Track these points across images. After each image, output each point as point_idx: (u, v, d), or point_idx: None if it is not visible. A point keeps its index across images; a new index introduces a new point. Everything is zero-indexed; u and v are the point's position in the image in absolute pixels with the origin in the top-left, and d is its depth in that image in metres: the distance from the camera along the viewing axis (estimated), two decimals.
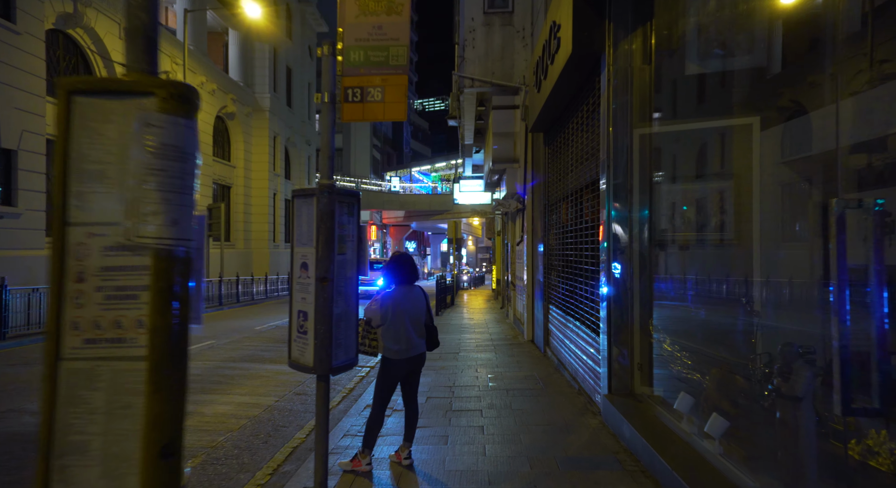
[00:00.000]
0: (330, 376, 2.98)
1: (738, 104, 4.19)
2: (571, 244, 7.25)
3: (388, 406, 4.65)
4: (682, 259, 4.95)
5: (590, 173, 6.27)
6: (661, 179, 5.12)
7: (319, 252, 2.88)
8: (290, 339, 3.04)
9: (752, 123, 4.16)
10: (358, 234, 3.18)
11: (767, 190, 3.84)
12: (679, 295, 4.87)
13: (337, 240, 2.95)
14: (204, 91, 22.80)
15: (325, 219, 2.89)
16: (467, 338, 11.31)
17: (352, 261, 3.12)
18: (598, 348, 5.69)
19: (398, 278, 4.12)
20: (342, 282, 3.00)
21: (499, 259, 22.13)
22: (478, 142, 16.38)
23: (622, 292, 5.11)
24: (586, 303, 6.36)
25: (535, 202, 10.14)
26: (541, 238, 9.56)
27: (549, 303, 9.04)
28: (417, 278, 4.20)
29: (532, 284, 10.53)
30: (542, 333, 9.40)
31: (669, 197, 5.07)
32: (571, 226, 7.28)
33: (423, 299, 4.19)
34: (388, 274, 4.13)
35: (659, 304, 4.97)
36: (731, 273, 4.31)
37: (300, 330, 2.97)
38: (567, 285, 7.48)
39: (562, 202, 8.08)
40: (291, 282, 3.04)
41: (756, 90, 3.99)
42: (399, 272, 4.12)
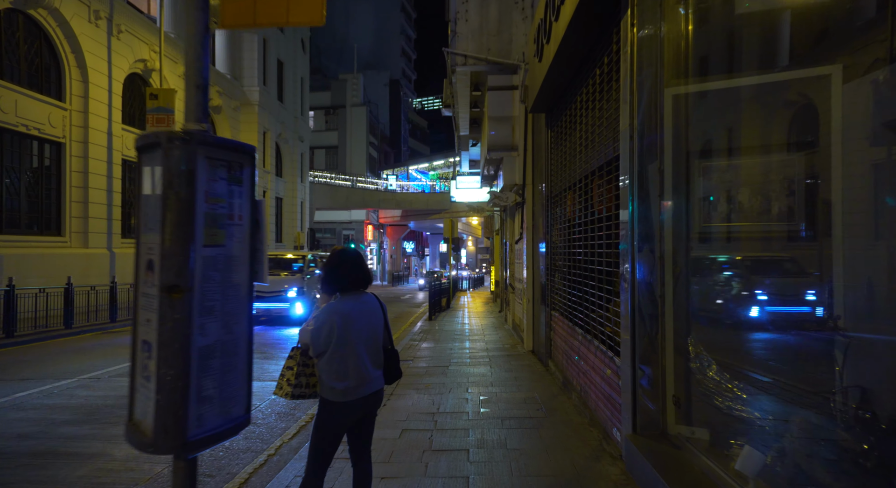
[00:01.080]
0: (196, 455, 1.77)
1: (810, 48, 3.00)
2: (580, 241, 6.06)
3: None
4: (732, 257, 3.76)
5: (604, 152, 5.07)
6: (703, 153, 3.92)
7: (167, 243, 1.69)
8: (131, 389, 1.83)
9: (830, 74, 2.98)
10: (252, 216, 1.99)
11: (855, 163, 2.67)
12: (728, 304, 3.68)
13: (203, 223, 1.76)
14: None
15: (176, 185, 1.69)
16: (460, 347, 10.10)
17: (239, 260, 1.92)
18: (616, 370, 4.49)
19: (342, 283, 2.92)
20: (215, 292, 1.81)
21: (497, 259, 20.94)
22: (474, 134, 15.19)
23: (650, 301, 3.91)
24: (599, 312, 5.17)
25: (536, 194, 8.95)
26: (542, 235, 8.36)
27: (552, 310, 7.84)
28: (370, 282, 3.00)
29: (533, 287, 9.34)
30: (544, 343, 8.21)
31: (714, 176, 3.87)
32: (579, 219, 6.08)
33: (379, 313, 2.99)
34: (327, 279, 2.93)
35: (701, 317, 3.77)
36: (802, 276, 3.13)
37: (143, 373, 1.77)
38: (574, 290, 6.29)
39: (567, 192, 6.89)
40: (136, 292, 1.84)
41: (839, 27, 2.83)
42: (343, 275, 2.91)
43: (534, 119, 8.71)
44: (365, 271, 2.96)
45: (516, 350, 9.74)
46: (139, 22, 18.54)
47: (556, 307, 7.57)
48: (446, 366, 8.15)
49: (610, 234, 4.89)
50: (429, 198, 40.08)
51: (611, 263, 4.86)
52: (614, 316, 4.60)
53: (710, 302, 3.78)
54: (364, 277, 2.96)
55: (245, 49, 27.31)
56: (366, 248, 45.89)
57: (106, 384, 7.06)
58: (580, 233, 6.04)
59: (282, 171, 32.88)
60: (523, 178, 9.37)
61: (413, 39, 78.78)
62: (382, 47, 65.91)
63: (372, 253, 47.68)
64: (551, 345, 7.86)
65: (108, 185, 17.14)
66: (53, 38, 15.31)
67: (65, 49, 15.66)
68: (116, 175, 17.63)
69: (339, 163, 46.63)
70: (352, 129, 47.13)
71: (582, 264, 5.96)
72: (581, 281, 5.96)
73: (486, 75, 9.90)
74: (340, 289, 2.91)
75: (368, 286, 3.00)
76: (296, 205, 33.69)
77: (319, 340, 2.77)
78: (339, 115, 47.25)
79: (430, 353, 9.37)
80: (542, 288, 8.47)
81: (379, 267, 48.24)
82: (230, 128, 25.98)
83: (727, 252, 3.78)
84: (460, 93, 11.64)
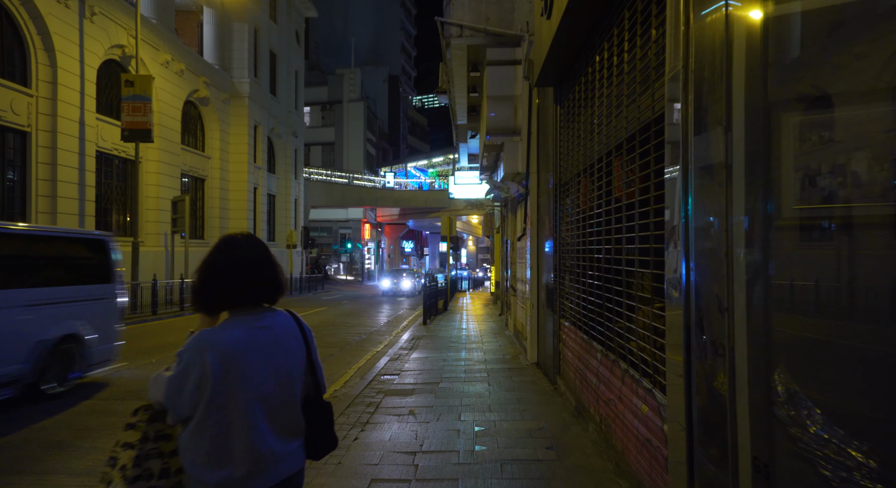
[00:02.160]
0: None
1: None
2: (597, 235, 4.89)
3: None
4: (840, 254, 2.56)
5: (636, 118, 3.89)
6: (794, 103, 2.72)
7: None
8: None
9: None
10: None
11: None
12: (836, 325, 2.49)
13: None
14: (170, 71, 20.46)
15: None
16: (455, 358, 8.92)
17: None
18: (656, 408, 3.31)
19: (228, 294, 1.73)
20: None
21: (497, 258, 19.76)
22: (472, 123, 14.00)
23: (713, 317, 2.72)
24: (627, 326, 3.98)
25: (542, 184, 7.76)
26: (549, 231, 7.18)
27: (561, 318, 6.65)
28: (280, 292, 1.81)
29: (537, 290, 8.16)
30: (551, 356, 7.03)
31: (811, 136, 2.68)
32: (598, 208, 4.90)
33: (296, 344, 1.81)
34: (202, 286, 1.73)
35: (795, 342, 2.58)
36: None
37: None
38: (591, 296, 5.10)
39: (580, 179, 5.71)
40: None
41: None
42: (229, 279, 1.73)
43: (539, 96, 7.53)
44: (268, 273, 1.77)
45: (518, 362, 8.56)
46: (116, 4, 17.36)
47: (566, 315, 6.39)
48: (437, 383, 6.97)
49: (646, 226, 3.71)
50: (427, 196, 38.90)
51: (645, 263, 3.68)
52: (653, 334, 3.41)
53: (808, 317, 2.59)
54: (267, 283, 1.77)
55: (235, 39, 26.16)
56: (363, 247, 44.74)
57: None
58: (599, 227, 4.86)
59: (274, 167, 31.72)
60: (527, 166, 8.19)
61: (413, 36, 77.60)
62: (381, 43, 64.75)
63: (370, 252, 46.52)
64: (560, 359, 6.67)
65: (81, 179, 15.97)
66: (16, 17, 14.13)
67: (30, 30, 14.48)
68: (90, 167, 16.47)
69: (335, 161, 45.45)
70: (349, 126, 45.95)
71: (602, 264, 4.78)
72: (600, 285, 4.78)
73: (485, 50, 8.72)
74: (225, 303, 1.73)
75: (278, 299, 1.82)
76: (289, 203, 32.53)
77: (181, 397, 1.59)
78: (336, 110, 46.08)
79: (419, 366, 8.19)
80: (548, 291, 7.29)
81: (377, 266, 47.08)
82: (218, 120, 24.83)
83: (831, 245, 2.59)
84: (456, 73, 10.45)
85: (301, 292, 29.28)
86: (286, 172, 32.37)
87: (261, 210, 28.59)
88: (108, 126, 17.31)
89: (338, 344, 10.95)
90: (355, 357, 9.49)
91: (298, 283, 29.68)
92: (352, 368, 8.47)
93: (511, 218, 12.53)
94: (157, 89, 19.81)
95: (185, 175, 22.91)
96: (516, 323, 11.70)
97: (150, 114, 15.84)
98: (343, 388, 7.01)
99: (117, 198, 18.62)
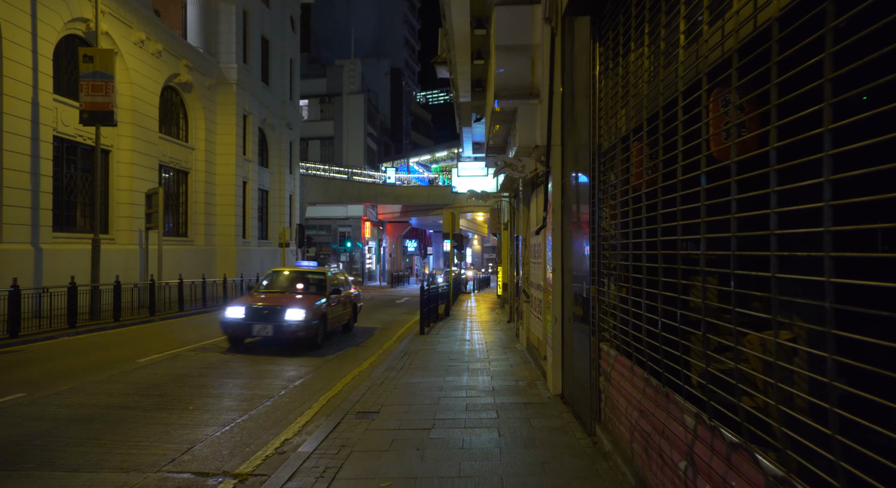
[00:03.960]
0: None
1: None
2: (670, 219, 2.94)
3: None
4: None
5: None
6: None
7: None
8: None
9: None
10: None
11: None
12: None
13: None
14: (145, 51, 18.60)
15: None
16: (454, 384, 6.97)
17: None
18: None
19: None
20: None
21: (505, 257, 17.79)
22: (477, 101, 12.03)
23: None
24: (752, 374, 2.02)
25: (569, 158, 5.81)
26: (583, 220, 5.23)
27: (602, 341, 4.69)
28: None
29: (562, 299, 6.21)
30: (586, 391, 5.07)
31: None
32: (671, 177, 2.94)
33: None
34: None
35: None
36: None
37: None
38: (657, 314, 3.14)
39: (635, 141, 3.76)
40: None
41: None
42: None
43: (566, 39, 5.57)
44: None
45: (536, 392, 6.59)
46: None
47: (609, 338, 4.43)
48: (427, 431, 5.02)
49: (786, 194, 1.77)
50: (430, 192, 36.92)
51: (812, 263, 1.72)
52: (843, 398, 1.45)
53: None
54: None
55: (222, 21, 24.27)
56: (363, 246, 42.85)
57: None
58: (672, 207, 2.91)
59: (267, 161, 29.85)
60: (547, 136, 6.23)
61: (417, 30, 75.58)
62: (384, 37, 62.80)
63: (371, 251, 44.62)
64: (601, 398, 4.71)
65: (34, 167, 14.10)
66: None
67: None
68: (46, 155, 14.59)
69: (334, 156, 43.56)
70: (349, 119, 44.04)
71: (679, 266, 2.83)
72: (678, 299, 2.83)
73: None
74: None
75: None
76: (283, 199, 30.65)
77: None
78: (336, 103, 44.19)
79: (406, 399, 6.25)
80: (580, 302, 5.34)
81: (378, 266, 45.17)
82: (203, 108, 22.97)
83: None
84: (457, 31, 8.50)
85: None
86: (280, 167, 30.51)
87: (251, 206, 26.71)
88: (70, 109, 15.45)
89: (312, 361, 9.02)
90: (329, 381, 7.56)
91: None
92: (321, 398, 6.54)
93: (524, 210, 10.56)
94: (131, 71, 17.98)
95: (166, 167, 21.06)
96: (530, 335, 9.74)
97: (113, 93, 13.96)
98: (296, 439, 5.08)
99: (84, 190, 16.76)
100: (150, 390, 6.73)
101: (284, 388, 7.08)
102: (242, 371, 8.11)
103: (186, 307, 17.53)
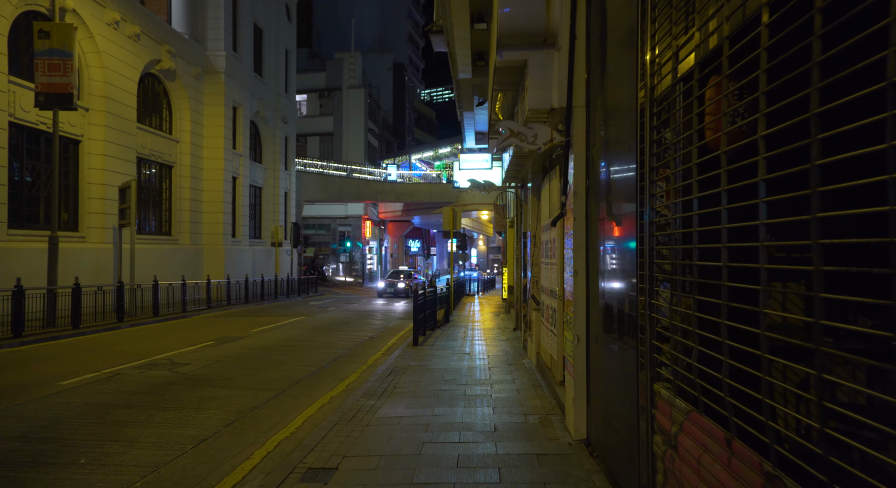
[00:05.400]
0: None
1: None
2: (803, 184, 1.36)
3: None
4: None
5: None
6: None
7: None
8: None
9: None
10: None
11: None
12: None
13: None
14: (120, 33, 17.14)
15: None
16: (446, 421, 5.39)
17: None
18: None
19: None
20: None
21: (511, 258, 16.18)
22: (479, 78, 10.45)
23: None
24: None
25: (596, 124, 4.23)
26: (621, 203, 3.66)
27: (655, 379, 3.10)
28: None
29: (586, 314, 4.64)
30: (630, 449, 3.48)
31: None
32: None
33: None
34: None
35: None
36: None
37: None
38: (781, 354, 1.56)
39: (725, 62, 2.18)
40: None
41: None
42: None
43: None
44: None
45: (553, 436, 5.01)
46: None
47: (673, 377, 2.84)
48: None
49: None
50: (432, 189, 35.34)
51: None
52: None
53: None
54: None
55: (209, 6, 22.83)
56: (363, 246, 41.32)
57: None
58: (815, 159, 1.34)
59: (261, 157, 28.40)
60: (568, 95, 4.65)
61: (421, 25, 74.03)
62: (387, 32, 61.33)
63: (371, 251, 43.10)
64: (655, 466, 3.12)
65: None
66: None
67: None
68: (1, 143, 13.14)
69: (334, 152, 42.07)
70: (349, 114, 42.54)
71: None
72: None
73: None
74: None
75: None
76: (278, 196, 29.17)
77: None
78: (335, 98, 42.71)
79: (377, 446, 4.68)
80: (615, 317, 3.78)
81: (379, 267, 43.64)
82: (189, 98, 21.50)
83: None
84: None
85: (288, 296, 25.90)
86: (274, 162, 29.03)
87: (241, 203, 25.21)
88: (26, 92, 13.99)
89: (277, 382, 7.47)
90: (289, 412, 6.00)
91: (286, 286, 26.30)
92: (268, 442, 4.97)
93: (532, 201, 8.99)
94: (103, 54, 16.52)
95: (146, 160, 19.60)
96: (541, 351, 8.16)
97: (72, 73, 12.48)
98: None
99: (49, 183, 15.28)
100: (42, 431, 5.17)
101: (229, 423, 5.53)
102: (185, 397, 6.57)
103: (163, 311, 16.04)
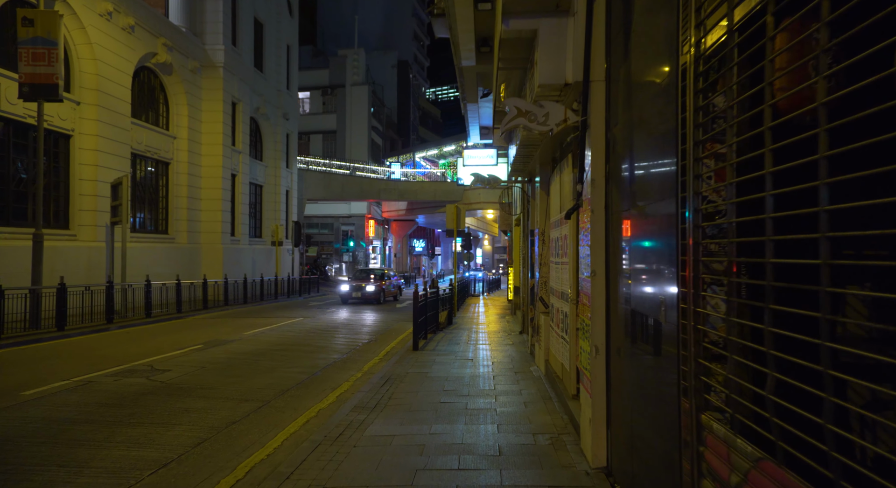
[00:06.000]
0: None
1: None
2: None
3: None
4: None
5: None
6: None
7: None
8: None
9: None
10: None
11: None
12: None
13: None
14: (113, 25, 16.59)
15: None
16: (443, 441, 4.74)
17: None
18: None
19: None
20: None
21: (517, 257, 15.52)
22: (483, 65, 9.78)
23: None
24: None
25: (618, 100, 3.58)
26: (653, 190, 3.01)
27: (702, 409, 2.43)
28: None
29: (606, 321, 3.99)
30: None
31: None
32: None
33: None
34: None
35: None
36: None
37: None
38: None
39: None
40: None
41: None
42: None
43: None
44: None
45: (567, 461, 4.34)
46: None
47: (727, 407, 2.19)
48: None
49: None
50: (436, 188, 34.70)
51: None
52: None
53: None
54: None
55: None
56: (367, 246, 40.74)
57: None
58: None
59: (261, 154, 27.83)
60: (585, 67, 4.00)
61: (426, 23, 73.40)
62: (392, 30, 60.74)
63: (375, 251, 42.51)
64: None
65: None
66: None
67: None
68: None
69: (337, 150, 41.51)
70: (352, 112, 41.96)
71: None
72: None
73: None
74: None
75: None
76: (279, 194, 28.59)
77: None
78: (338, 95, 42.13)
79: (363, 474, 4.04)
80: (643, 326, 3.13)
81: (383, 267, 43.03)
82: (186, 93, 20.93)
83: None
84: None
85: (289, 296, 25.29)
86: (275, 160, 28.46)
87: (241, 201, 24.65)
88: (7, 81, 13.43)
89: (262, 392, 6.84)
90: (269, 429, 5.37)
91: (286, 286, 25.70)
92: (238, 468, 4.33)
93: (541, 196, 8.32)
94: (95, 46, 15.97)
95: (141, 156, 19.06)
96: (550, 358, 7.49)
97: (57, 63, 11.92)
98: None
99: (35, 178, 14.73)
100: None
101: (199, 443, 4.90)
102: (157, 409, 5.95)
103: (157, 312, 15.48)
